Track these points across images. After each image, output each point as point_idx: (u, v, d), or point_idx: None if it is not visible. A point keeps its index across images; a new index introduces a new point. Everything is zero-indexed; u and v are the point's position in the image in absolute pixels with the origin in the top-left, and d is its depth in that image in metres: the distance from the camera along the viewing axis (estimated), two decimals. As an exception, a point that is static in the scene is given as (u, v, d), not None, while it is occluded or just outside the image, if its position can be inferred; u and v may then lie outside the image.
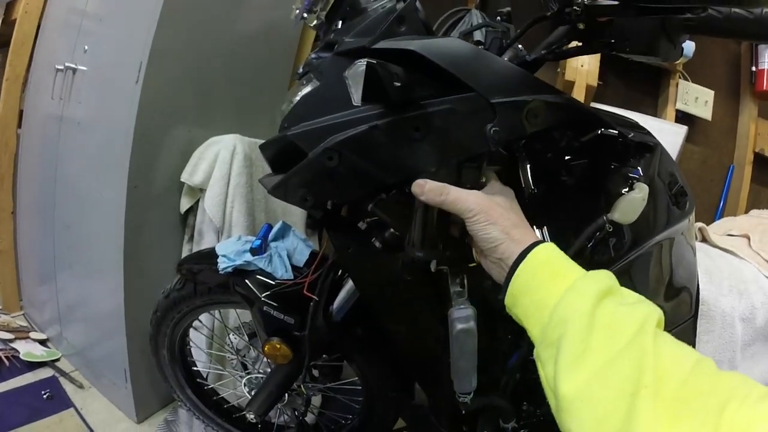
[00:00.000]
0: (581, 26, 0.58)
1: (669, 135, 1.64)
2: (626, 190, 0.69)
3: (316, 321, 0.82)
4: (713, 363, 0.43)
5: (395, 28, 0.57)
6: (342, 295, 0.84)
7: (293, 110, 0.64)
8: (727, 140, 2.00)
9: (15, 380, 1.58)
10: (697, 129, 1.94)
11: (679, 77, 1.86)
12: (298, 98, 0.65)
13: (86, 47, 1.45)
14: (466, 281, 0.62)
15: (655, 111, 1.90)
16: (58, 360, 1.71)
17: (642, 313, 0.46)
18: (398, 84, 0.48)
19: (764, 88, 1.89)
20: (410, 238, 0.61)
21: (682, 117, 1.88)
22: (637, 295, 0.51)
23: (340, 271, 0.87)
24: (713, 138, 1.99)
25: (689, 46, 1.67)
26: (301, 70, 0.72)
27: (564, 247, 0.68)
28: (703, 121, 1.92)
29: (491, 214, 0.55)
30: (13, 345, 1.72)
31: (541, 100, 0.56)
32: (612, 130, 0.72)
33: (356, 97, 0.48)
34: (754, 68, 1.94)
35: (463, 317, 0.60)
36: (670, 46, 0.60)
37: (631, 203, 0.67)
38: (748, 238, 1.26)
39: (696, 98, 1.87)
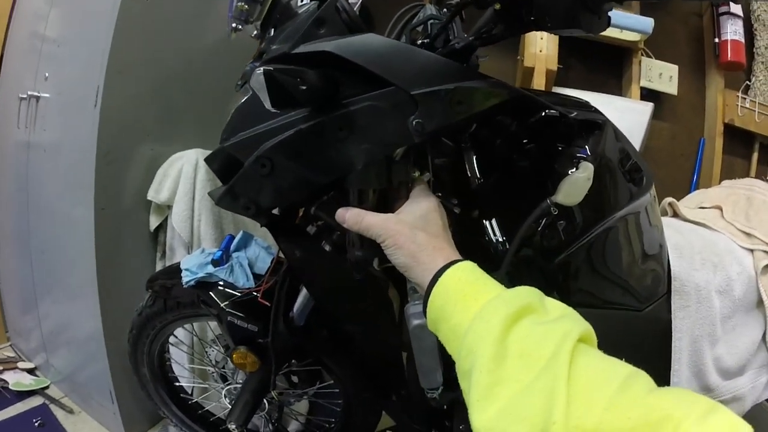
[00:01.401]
0: (497, 7, 0.58)
1: (635, 113, 1.65)
2: (573, 170, 0.69)
3: (277, 327, 0.82)
4: (647, 380, 0.39)
5: (315, 31, 0.57)
6: (300, 299, 0.84)
7: (230, 121, 0.65)
8: (695, 114, 2.00)
9: (5, 411, 1.58)
10: (664, 105, 1.94)
11: (642, 54, 1.86)
12: (235, 109, 0.66)
13: (47, 74, 1.46)
14: None
15: (619, 90, 1.90)
16: (47, 387, 1.71)
17: (560, 332, 0.42)
18: (303, 87, 0.48)
19: (729, 58, 1.89)
20: (350, 238, 0.62)
21: (648, 94, 1.87)
22: (562, 307, 0.48)
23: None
24: (681, 113, 1.99)
25: (648, 22, 1.67)
26: (240, 81, 0.72)
27: (512, 235, 0.69)
28: (670, 97, 1.93)
29: (397, 239, 0.54)
30: (1, 376, 1.72)
31: (463, 87, 0.56)
32: (553, 112, 0.72)
33: (266, 104, 0.49)
34: (717, 40, 1.94)
35: (418, 312, 0.60)
36: (592, 17, 0.58)
37: (575, 184, 0.66)
38: (721, 210, 1.25)
39: (660, 74, 1.87)
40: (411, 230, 0.55)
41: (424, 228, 0.56)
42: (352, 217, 0.58)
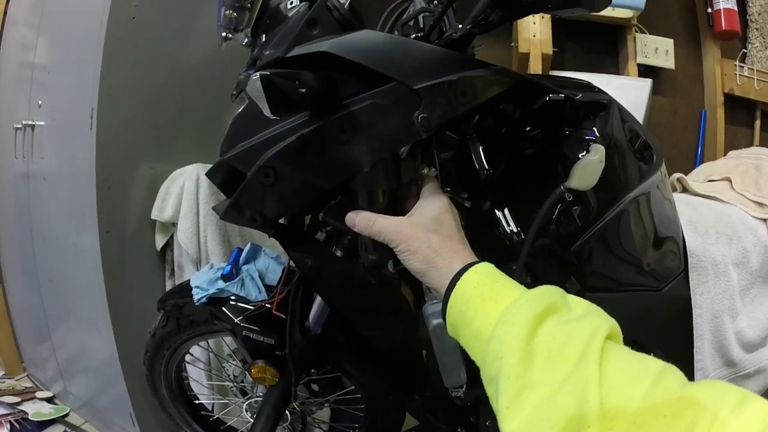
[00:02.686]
0: None
1: (634, 90, 1.63)
2: (583, 154, 0.67)
3: (294, 338, 0.81)
4: (678, 374, 0.38)
5: (308, 32, 0.56)
6: (315, 307, 0.83)
7: (228, 132, 0.63)
8: (695, 86, 1.98)
9: (28, 442, 1.58)
10: (663, 80, 1.92)
11: (636, 31, 1.84)
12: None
13: (40, 102, 1.46)
14: None
15: (617, 69, 1.88)
16: (67, 415, 1.71)
17: (587, 330, 0.40)
18: (302, 90, 0.47)
19: (723, 28, 1.88)
20: (362, 242, 0.60)
21: (645, 70, 1.85)
22: (586, 304, 0.46)
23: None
24: (680, 86, 1.97)
25: (640, -2, 1.66)
26: (235, 91, 0.71)
27: (526, 225, 0.68)
28: (667, 71, 1.91)
29: (411, 243, 0.53)
30: (21, 407, 1.72)
31: (466, 77, 0.55)
32: (558, 95, 0.71)
33: (265, 111, 0.47)
34: (710, 9, 1.92)
35: (437, 311, 0.58)
36: None
37: (588, 167, 0.65)
38: (730, 181, 1.24)
39: (656, 49, 1.85)
40: (425, 234, 0.53)
41: (437, 230, 0.54)
42: (362, 221, 0.56)
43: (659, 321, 0.89)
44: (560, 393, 0.38)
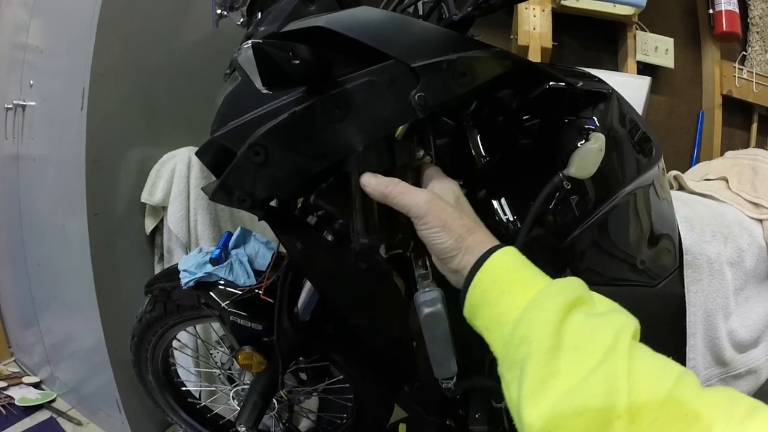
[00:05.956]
0: None
1: (633, 88, 1.61)
2: (583, 142, 0.66)
3: (282, 324, 0.79)
4: (694, 378, 0.38)
5: (304, 8, 0.55)
6: (304, 293, 0.81)
7: (220, 111, 0.62)
8: (693, 86, 1.98)
9: (13, 428, 1.56)
10: (661, 79, 1.91)
11: (636, 28, 1.83)
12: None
13: (32, 82, 1.43)
14: (429, 262, 0.59)
15: (615, 66, 1.87)
16: (53, 401, 1.69)
17: (615, 326, 0.41)
18: (296, 61, 0.45)
19: (724, 29, 1.87)
20: (354, 226, 0.59)
21: (644, 68, 1.84)
22: (609, 301, 0.46)
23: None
24: (678, 86, 1.97)
25: (642, -4, 1.65)
26: (228, 69, 0.69)
27: (524, 213, 0.66)
28: (666, 70, 1.90)
29: (444, 218, 0.50)
30: (7, 392, 1.70)
31: (466, 57, 0.53)
32: (559, 83, 0.69)
33: (257, 83, 0.45)
34: (711, 11, 1.91)
35: (429, 300, 0.57)
36: None
37: (587, 155, 0.64)
38: (726, 181, 1.24)
39: (656, 48, 1.84)
40: (455, 209, 0.51)
41: (462, 210, 0.53)
42: (381, 183, 0.52)
43: (653, 317, 0.88)
44: (587, 383, 0.38)
